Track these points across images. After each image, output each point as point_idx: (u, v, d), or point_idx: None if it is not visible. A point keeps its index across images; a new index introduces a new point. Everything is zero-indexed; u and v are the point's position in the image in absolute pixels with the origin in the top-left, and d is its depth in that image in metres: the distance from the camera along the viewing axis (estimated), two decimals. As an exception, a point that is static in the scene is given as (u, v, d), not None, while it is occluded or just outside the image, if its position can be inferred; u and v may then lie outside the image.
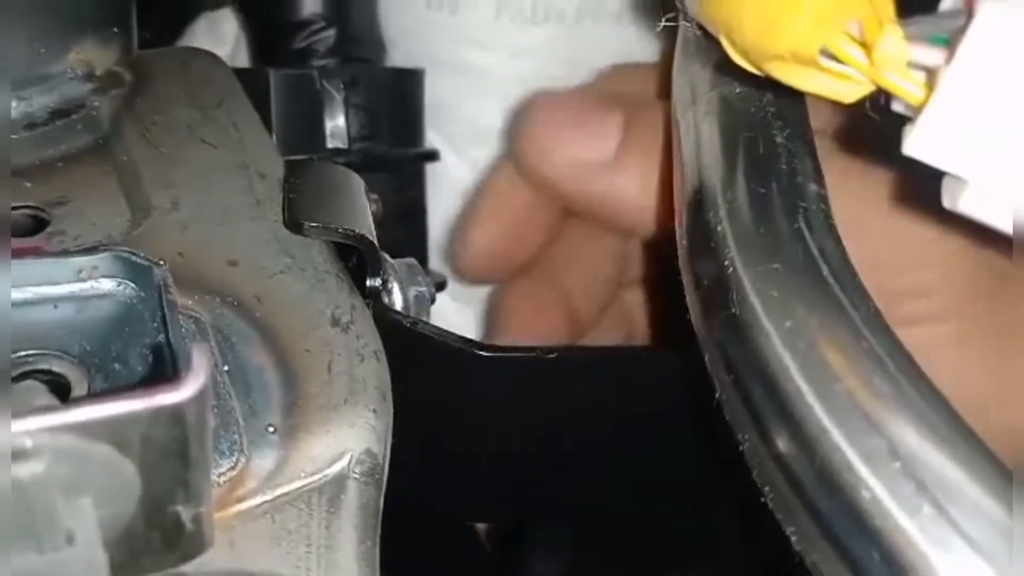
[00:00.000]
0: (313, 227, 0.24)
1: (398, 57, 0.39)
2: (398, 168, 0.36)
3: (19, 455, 0.13)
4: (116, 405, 0.14)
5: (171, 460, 0.15)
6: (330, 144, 0.34)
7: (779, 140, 0.23)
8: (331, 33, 0.36)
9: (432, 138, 0.39)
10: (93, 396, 0.14)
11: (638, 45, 0.38)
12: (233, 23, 0.42)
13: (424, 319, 0.26)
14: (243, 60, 0.42)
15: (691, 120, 0.25)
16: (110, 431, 0.14)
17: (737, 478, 0.19)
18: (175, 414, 0.14)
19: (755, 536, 0.20)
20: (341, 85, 0.34)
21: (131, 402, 0.14)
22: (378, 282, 0.24)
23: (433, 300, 0.29)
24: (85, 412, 0.14)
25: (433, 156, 0.37)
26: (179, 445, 0.15)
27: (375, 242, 0.25)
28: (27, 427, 0.13)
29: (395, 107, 0.36)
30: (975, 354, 0.27)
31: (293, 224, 0.24)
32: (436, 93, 0.38)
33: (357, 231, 0.24)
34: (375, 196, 0.30)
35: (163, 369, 0.19)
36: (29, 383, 0.20)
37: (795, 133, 0.23)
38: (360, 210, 0.26)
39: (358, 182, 0.27)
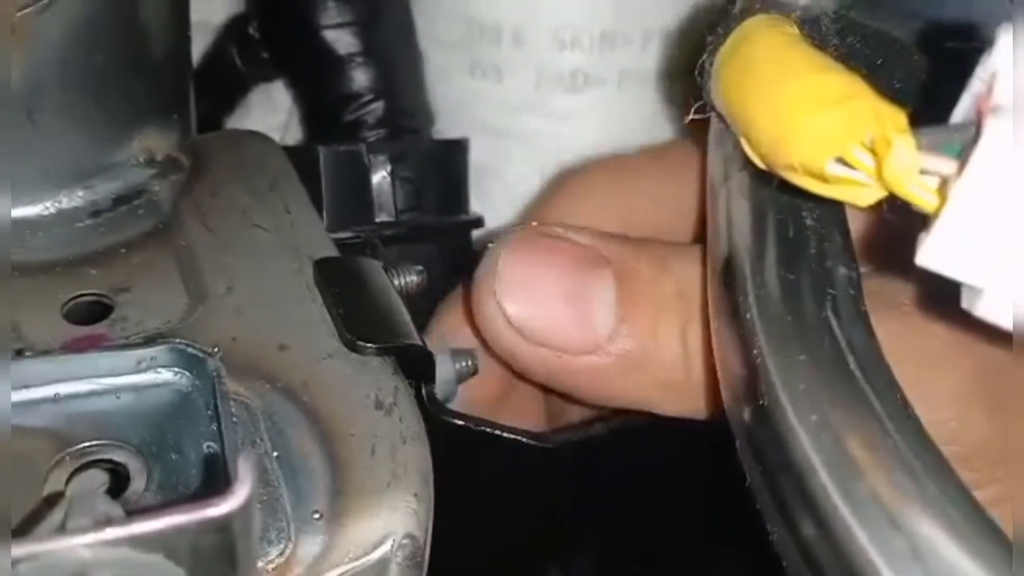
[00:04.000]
0: (374, 348, 0.24)
1: (444, 124, 0.40)
2: (445, 237, 0.37)
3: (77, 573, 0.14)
4: (166, 519, 0.15)
5: (219, 564, 0.16)
6: (378, 217, 0.35)
7: (809, 222, 0.23)
8: (379, 105, 0.37)
9: (476, 202, 0.40)
10: (144, 511, 0.15)
11: (680, 109, 0.39)
12: (287, 93, 0.44)
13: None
14: (297, 128, 0.44)
15: (724, 197, 0.26)
16: (161, 542, 0.15)
17: None
18: (222, 524, 0.15)
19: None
20: (387, 159, 0.35)
21: (180, 516, 0.15)
22: (433, 388, 0.25)
23: (476, 371, 0.30)
24: (136, 526, 0.15)
25: (479, 223, 0.38)
26: (227, 550, 0.16)
27: (430, 350, 0.25)
28: (83, 541, 0.15)
29: (440, 178, 0.37)
30: None
31: (351, 345, 0.24)
32: (480, 158, 0.39)
33: (411, 342, 0.25)
34: (419, 267, 0.31)
35: (215, 469, 0.20)
36: (91, 472, 0.22)
37: (825, 214, 0.23)
38: (398, 308, 0.27)
39: (380, 269, 0.28)
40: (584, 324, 0.26)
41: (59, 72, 0.28)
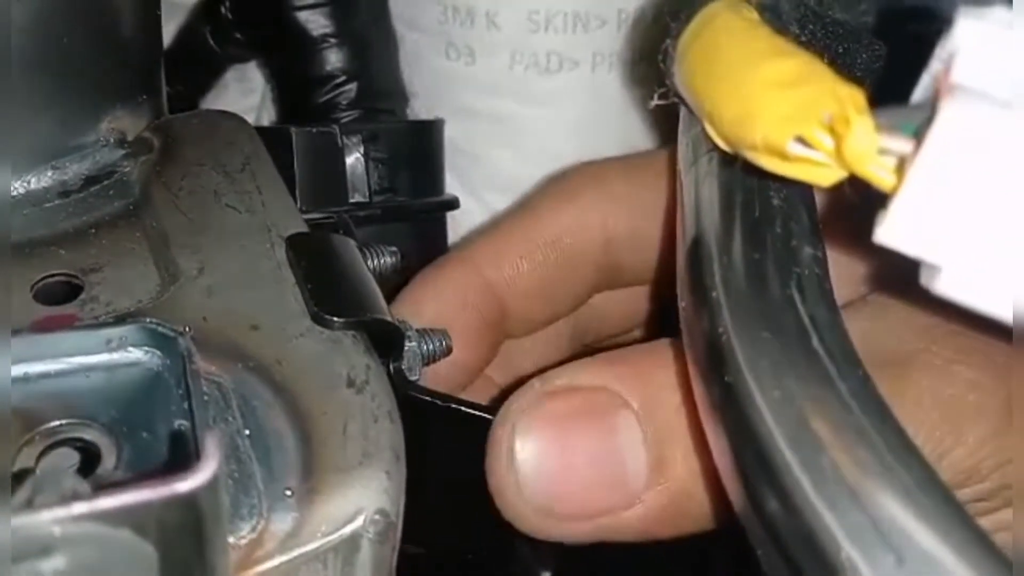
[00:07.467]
0: (341, 323, 0.25)
1: (419, 106, 0.40)
2: (419, 218, 0.37)
3: (43, 550, 0.14)
4: (132, 494, 0.15)
5: (188, 539, 0.16)
6: (352, 198, 0.35)
7: (776, 202, 0.23)
8: (353, 87, 0.37)
9: (451, 183, 0.40)
10: (110, 486, 0.15)
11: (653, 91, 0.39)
12: (261, 73, 0.43)
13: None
14: (272, 108, 0.43)
15: (692, 179, 0.26)
16: (128, 517, 0.15)
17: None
18: (188, 500, 0.16)
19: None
20: (361, 140, 0.35)
21: (147, 491, 0.15)
22: (403, 363, 0.25)
23: (450, 351, 0.30)
24: (103, 502, 0.15)
25: (453, 205, 0.38)
26: (195, 526, 0.16)
27: (397, 325, 0.25)
28: (49, 517, 0.15)
29: (415, 159, 0.37)
30: None
31: (320, 320, 0.25)
32: (455, 140, 0.39)
33: (380, 317, 0.25)
34: (393, 248, 0.31)
35: (184, 445, 0.20)
36: (62, 451, 0.22)
37: (792, 193, 0.24)
38: (368, 283, 0.27)
39: (352, 246, 0.28)
40: (618, 481, 0.24)
41: (26, 52, 0.27)
